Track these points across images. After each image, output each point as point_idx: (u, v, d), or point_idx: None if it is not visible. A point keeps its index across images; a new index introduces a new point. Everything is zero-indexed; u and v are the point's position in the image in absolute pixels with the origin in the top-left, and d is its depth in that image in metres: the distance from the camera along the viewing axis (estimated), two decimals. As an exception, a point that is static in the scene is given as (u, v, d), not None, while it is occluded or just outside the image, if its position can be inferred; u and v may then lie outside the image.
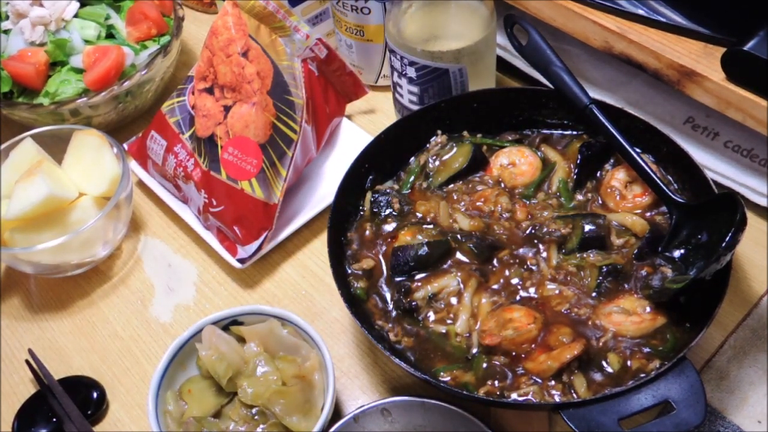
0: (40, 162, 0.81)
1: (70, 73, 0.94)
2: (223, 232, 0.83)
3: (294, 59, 0.85)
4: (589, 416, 0.58)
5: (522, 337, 0.65)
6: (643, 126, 0.77)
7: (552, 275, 0.71)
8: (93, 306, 0.84)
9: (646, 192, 0.75)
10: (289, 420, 0.65)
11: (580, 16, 0.81)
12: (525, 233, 0.74)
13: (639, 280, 0.69)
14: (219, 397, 0.69)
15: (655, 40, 0.77)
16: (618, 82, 0.90)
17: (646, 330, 0.66)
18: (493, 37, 0.84)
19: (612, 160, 0.79)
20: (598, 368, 0.64)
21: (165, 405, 0.68)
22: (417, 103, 0.86)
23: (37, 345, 0.80)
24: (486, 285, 0.71)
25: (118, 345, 0.80)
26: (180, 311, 0.82)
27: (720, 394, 0.70)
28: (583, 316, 0.67)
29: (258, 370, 0.68)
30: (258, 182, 0.80)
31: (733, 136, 0.82)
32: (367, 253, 0.74)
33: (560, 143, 0.82)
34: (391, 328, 0.69)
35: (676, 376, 0.59)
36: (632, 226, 0.72)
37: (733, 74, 0.72)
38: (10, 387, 0.77)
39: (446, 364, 0.66)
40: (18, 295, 0.86)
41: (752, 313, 0.75)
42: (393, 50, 0.83)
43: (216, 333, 0.70)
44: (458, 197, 0.78)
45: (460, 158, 0.80)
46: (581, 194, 0.78)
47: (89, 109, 0.93)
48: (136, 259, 0.87)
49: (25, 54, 0.94)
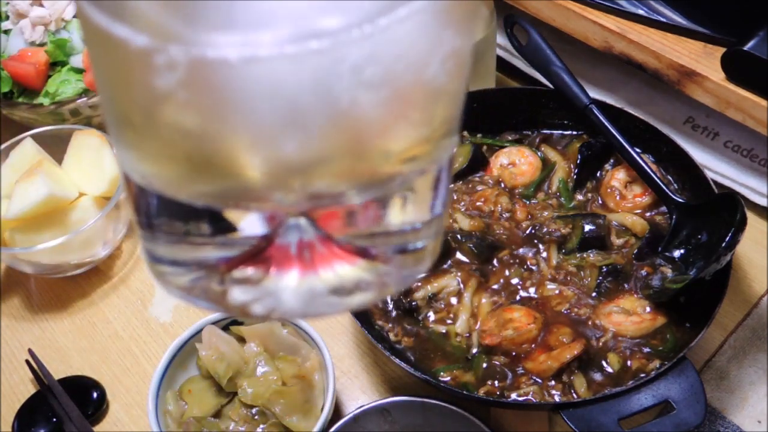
0: (40, 162, 0.81)
1: (70, 73, 0.94)
2: (223, 232, 0.83)
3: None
4: (589, 416, 0.58)
5: (522, 337, 0.65)
6: (643, 126, 0.77)
7: (552, 275, 0.71)
8: (93, 306, 0.84)
9: (646, 192, 0.75)
10: (289, 420, 0.65)
11: (579, 15, 0.81)
12: (525, 233, 0.74)
13: (639, 280, 0.69)
14: (219, 397, 0.69)
15: (655, 40, 0.77)
16: (618, 82, 0.90)
17: (646, 330, 0.66)
18: (493, 37, 0.84)
19: (612, 160, 0.79)
20: (598, 368, 0.64)
21: (165, 405, 0.68)
22: (417, 103, 0.86)
23: (37, 345, 0.80)
24: (486, 285, 0.71)
25: (118, 345, 0.80)
26: (180, 311, 0.82)
27: (720, 394, 0.70)
28: (583, 316, 0.67)
29: (258, 370, 0.68)
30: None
31: (733, 136, 0.82)
32: (367, 253, 0.74)
33: (560, 143, 0.82)
34: (391, 327, 0.69)
35: (676, 376, 0.59)
36: (632, 226, 0.72)
37: (733, 74, 0.72)
38: (10, 387, 0.77)
39: (446, 364, 0.66)
40: (18, 295, 0.86)
41: (752, 313, 0.75)
42: (393, 50, 0.83)
43: (216, 333, 0.70)
44: (458, 197, 0.78)
45: (459, 158, 0.80)
46: (581, 194, 0.78)
47: (89, 109, 0.93)
48: (136, 259, 0.87)
49: (25, 54, 0.94)
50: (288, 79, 0.26)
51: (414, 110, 0.29)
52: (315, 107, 0.27)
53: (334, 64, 0.26)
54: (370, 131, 0.28)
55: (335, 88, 0.27)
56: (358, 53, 0.26)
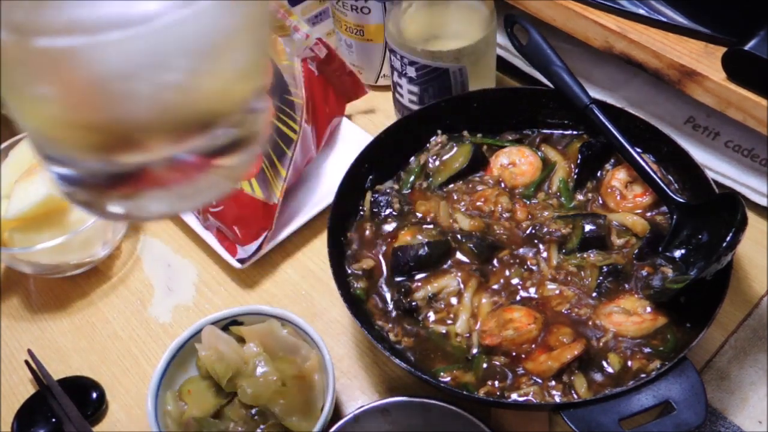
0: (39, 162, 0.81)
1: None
2: (222, 232, 0.83)
3: (294, 59, 0.85)
4: (589, 416, 0.58)
5: (522, 337, 0.65)
6: (643, 126, 0.76)
7: (552, 275, 0.70)
8: (92, 306, 0.84)
9: (647, 192, 0.75)
10: (288, 420, 0.65)
11: (580, 15, 0.81)
12: (525, 233, 0.74)
13: (639, 280, 0.69)
14: (219, 397, 0.69)
15: (655, 40, 0.77)
16: (618, 82, 0.90)
17: (647, 330, 0.65)
18: (493, 37, 0.84)
19: (612, 160, 0.79)
20: (599, 368, 0.64)
21: (164, 405, 0.68)
22: (417, 103, 0.86)
23: (36, 345, 0.80)
24: (486, 285, 0.71)
25: (117, 345, 0.80)
26: (179, 311, 0.82)
27: (720, 394, 0.70)
28: (583, 317, 0.67)
29: (258, 371, 0.68)
30: (258, 182, 0.80)
31: (734, 135, 0.82)
32: (367, 254, 0.74)
33: (560, 143, 0.82)
34: (391, 328, 0.69)
35: (677, 377, 0.59)
36: (633, 226, 0.72)
37: (733, 74, 0.72)
38: (10, 387, 0.77)
39: (446, 365, 0.66)
40: (17, 295, 0.86)
41: (753, 314, 0.75)
42: (393, 50, 0.83)
43: (215, 333, 0.70)
44: (458, 197, 0.78)
45: (460, 158, 0.80)
46: (581, 194, 0.78)
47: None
48: (136, 260, 0.87)
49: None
50: (113, 59, 0.34)
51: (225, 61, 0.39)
52: (142, 81, 0.36)
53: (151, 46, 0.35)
54: (185, 95, 0.38)
55: (149, 68, 0.35)
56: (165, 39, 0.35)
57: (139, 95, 0.36)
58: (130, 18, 0.33)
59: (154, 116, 0.38)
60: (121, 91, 0.36)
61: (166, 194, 0.42)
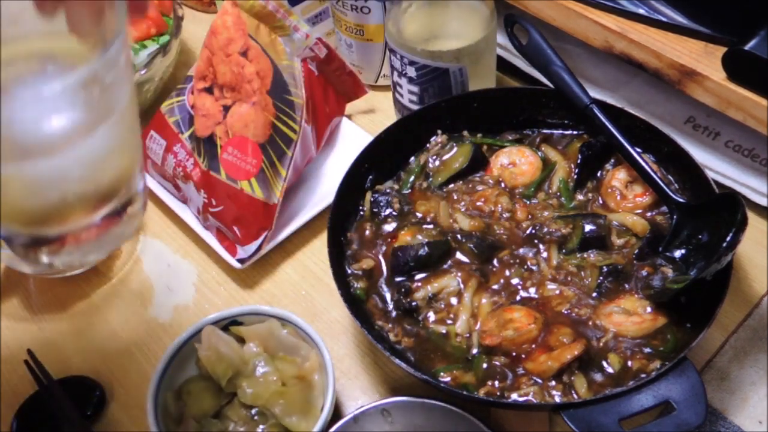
0: (39, 162, 0.81)
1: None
2: (222, 232, 0.83)
3: (294, 59, 0.85)
4: (589, 417, 0.58)
5: (522, 337, 0.65)
6: (643, 126, 0.76)
7: (552, 275, 0.70)
8: (92, 306, 0.84)
9: (647, 192, 0.75)
10: (288, 420, 0.65)
11: (580, 15, 0.81)
12: (525, 233, 0.74)
13: (640, 281, 0.69)
14: (218, 397, 0.69)
15: (655, 40, 0.77)
16: (618, 82, 0.90)
17: (647, 330, 0.65)
18: (493, 37, 0.84)
19: (612, 160, 0.79)
20: (599, 368, 0.64)
21: (164, 405, 0.68)
22: (417, 103, 0.86)
23: (36, 345, 0.80)
24: (486, 285, 0.70)
25: (117, 345, 0.80)
26: (179, 311, 0.82)
27: (721, 394, 0.70)
28: (583, 317, 0.67)
29: (257, 371, 0.68)
30: (258, 182, 0.80)
31: (734, 135, 0.82)
32: (367, 254, 0.74)
33: (561, 143, 0.82)
34: (391, 328, 0.69)
35: (677, 377, 0.59)
36: (633, 226, 0.72)
37: (733, 74, 0.72)
38: (10, 387, 0.77)
39: (446, 365, 0.66)
40: (17, 296, 0.86)
41: (753, 314, 0.75)
42: (393, 50, 0.83)
43: (215, 333, 0.70)
44: (458, 197, 0.78)
45: (460, 158, 0.80)
46: (582, 194, 0.78)
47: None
48: (136, 260, 0.87)
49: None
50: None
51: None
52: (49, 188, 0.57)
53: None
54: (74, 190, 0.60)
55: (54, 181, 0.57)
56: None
57: (56, 193, 0.58)
58: (46, 149, 0.53)
59: (68, 203, 0.59)
60: (43, 191, 0.57)
61: (81, 248, 0.65)
